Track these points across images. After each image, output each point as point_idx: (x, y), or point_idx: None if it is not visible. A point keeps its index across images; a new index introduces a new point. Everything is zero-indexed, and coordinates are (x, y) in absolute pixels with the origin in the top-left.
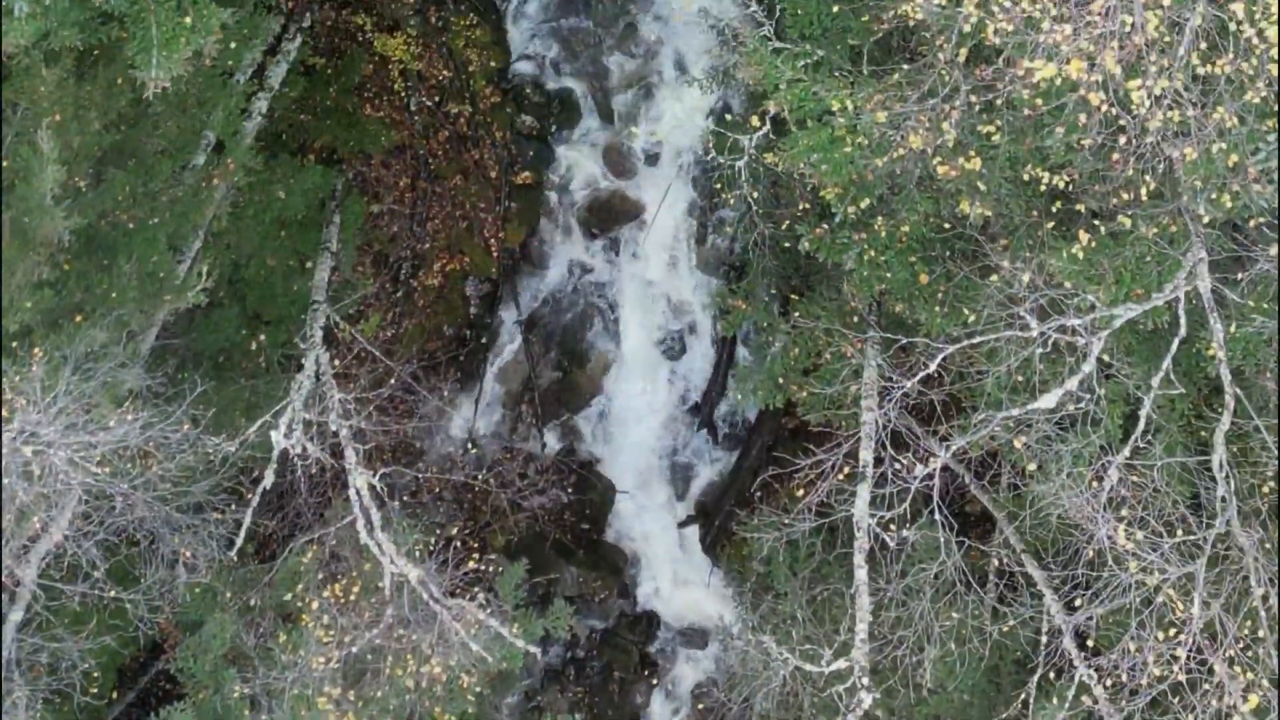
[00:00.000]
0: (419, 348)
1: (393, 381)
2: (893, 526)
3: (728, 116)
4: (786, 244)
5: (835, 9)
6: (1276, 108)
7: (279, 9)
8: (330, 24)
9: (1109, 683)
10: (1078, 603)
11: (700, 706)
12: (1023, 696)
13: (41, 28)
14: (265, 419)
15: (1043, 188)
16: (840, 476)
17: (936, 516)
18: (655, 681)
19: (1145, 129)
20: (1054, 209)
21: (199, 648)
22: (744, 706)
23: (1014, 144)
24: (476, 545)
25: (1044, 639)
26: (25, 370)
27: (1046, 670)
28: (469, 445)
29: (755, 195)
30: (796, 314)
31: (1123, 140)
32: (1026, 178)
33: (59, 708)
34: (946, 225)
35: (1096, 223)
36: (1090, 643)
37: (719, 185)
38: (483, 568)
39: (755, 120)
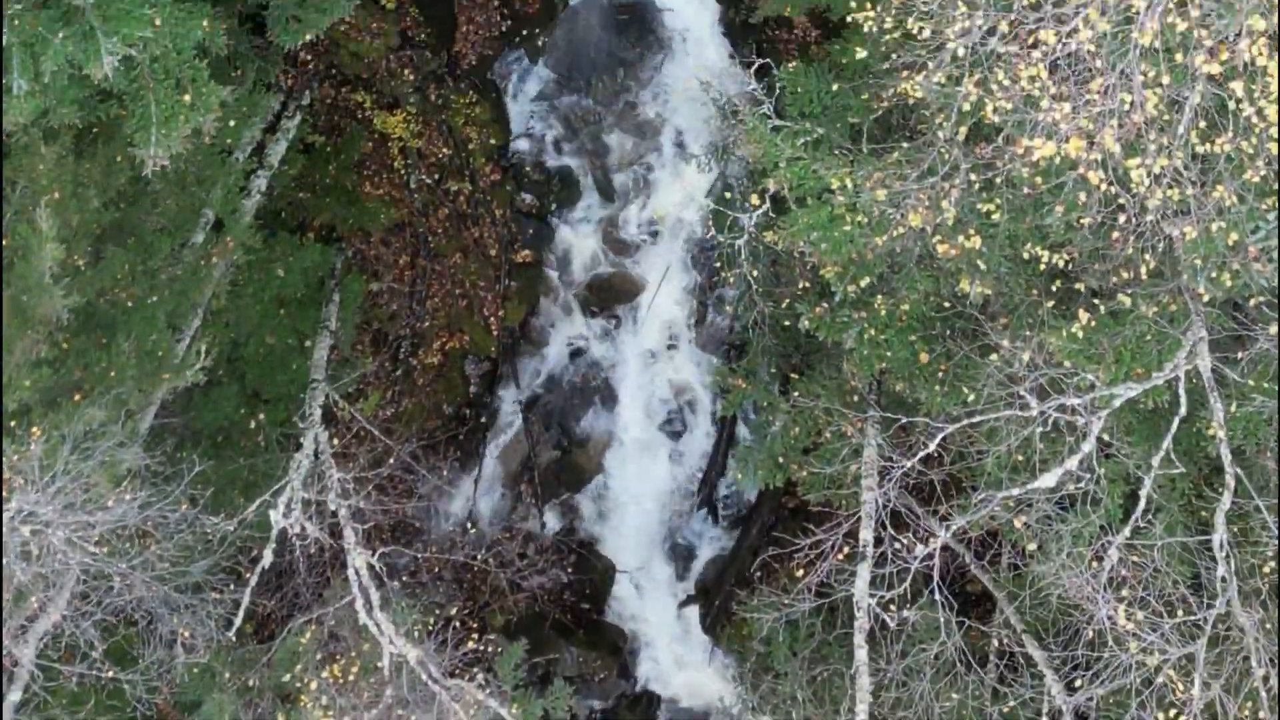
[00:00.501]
0: (418, 427)
1: (392, 461)
2: (893, 606)
3: (727, 194)
4: (786, 322)
5: (835, 87)
6: (1276, 186)
7: (278, 86)
8: (330, 101)
9: None
10: (1078, 683)
11: None
12: None
13: (40, 105)
14: (264, 498)
15: (1042, 266)
16: (840, 556)
17: (937, 596)
18: None
19: (1145, 207)
20: (1054, 287)
21: None
22: None
23: (1014, 222)
24: (476, 625)
25: None
26: (23, 449)
27: None
28: (468, 525)
29: (755, 273)
30: (796, 393)
31: (1122, 218)
32: (1026, 256)
33: None
34: (946, 304)
35: (1096, 301)
36: None
37: (719, 263)
38: (482, 648)
39: (755, 198)
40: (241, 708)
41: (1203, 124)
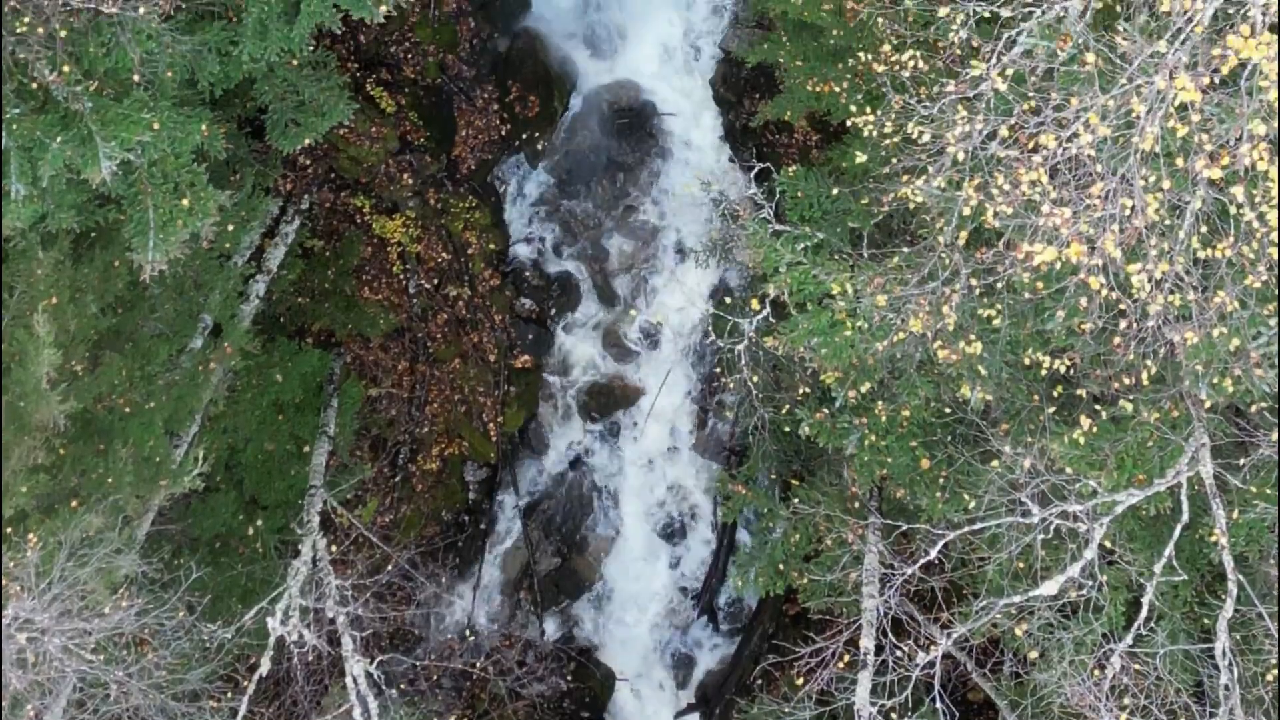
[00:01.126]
0: (417, 533)
1: (390, 567)
2: (894, 715)
3: (727, 299)
4: (787, 428)
5: (835, 191)
6: (1277, 291)
7: (277, 191)
8: (329, 206)
9: None
10: None
11: None
12: None
13: (39, 210)
14: (262, 605)
15: (1044, 372)
16: (841, 664)
17: (938, 705)
18: None
19: (1146, 312)
20: (1055, 393)
21: None
22: None
23: (1015, 328)
24: None
25: None
26: (20, 556)
27: None
28: (467, 632)
29: (755, 379)
30: (797, 499)
31: (1124, 324)
32: (1028, 362)
33: None
34: (947, 410)
35: (1098, 407)
36: None
37: (719, 369)
38: None
39: (755, 303)
40: None
41: (1204, 229)
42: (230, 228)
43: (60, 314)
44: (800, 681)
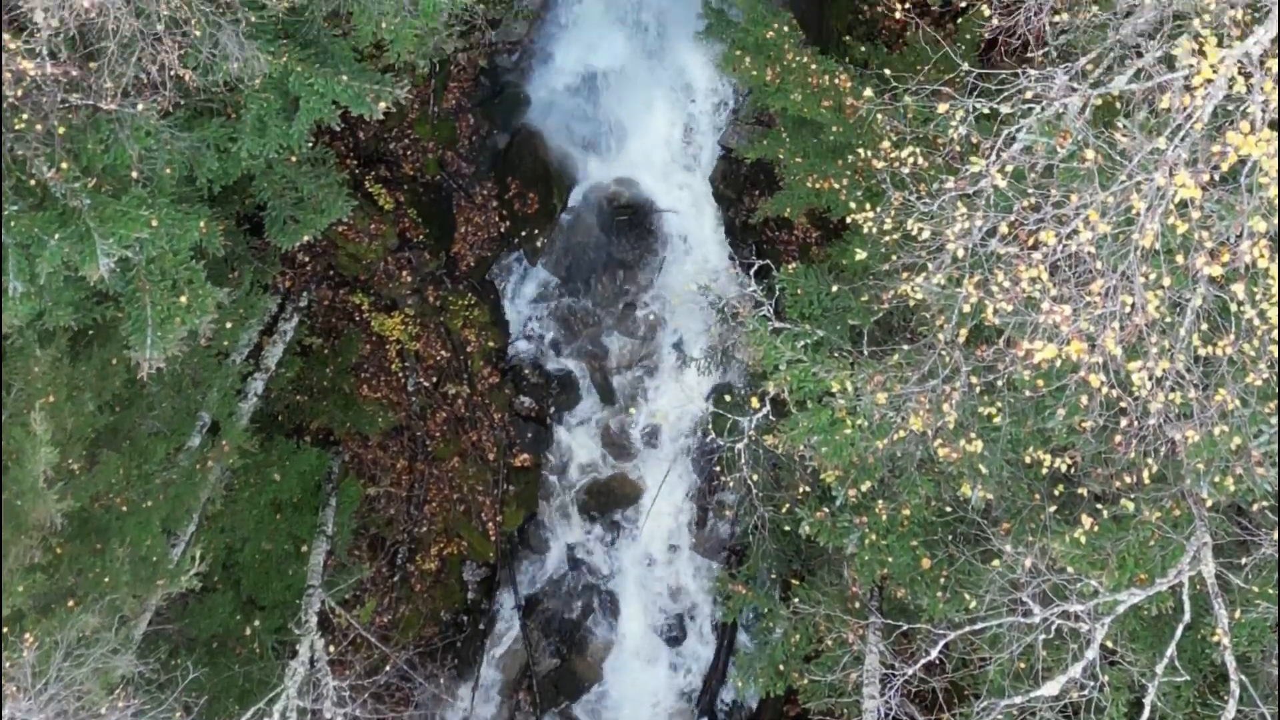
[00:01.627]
0: (415, 633)
1: (389, 668)
2: None
3: (727, 397)
4: (787, 527)
5: (835, 288)
6: (1278, 390)
7: (276, 288)
8: (328, 303)
9: None
10: None
11: None
12: None
13: (36, 307)
14: (259, 706)
15: (1045, 470)
16: None
17: None
18: None
19: (1147, 410)
20: (1056, 492)
21: None
22: None
23: (1015, 426)
24: None
25: None
26: (16, 656)
27: None
28: None
29: (755, 478)
30: (797, 599)
31: (1125, 422)
32: (1028, 460)
33: None
34: (948, 508)
35: (1099, 506)
36: None
37: (719, 467)
38: None
39: (755, 401)
40: None
41: (1204, 326)
42: (228, 325)
43: (58, 412)
44: None
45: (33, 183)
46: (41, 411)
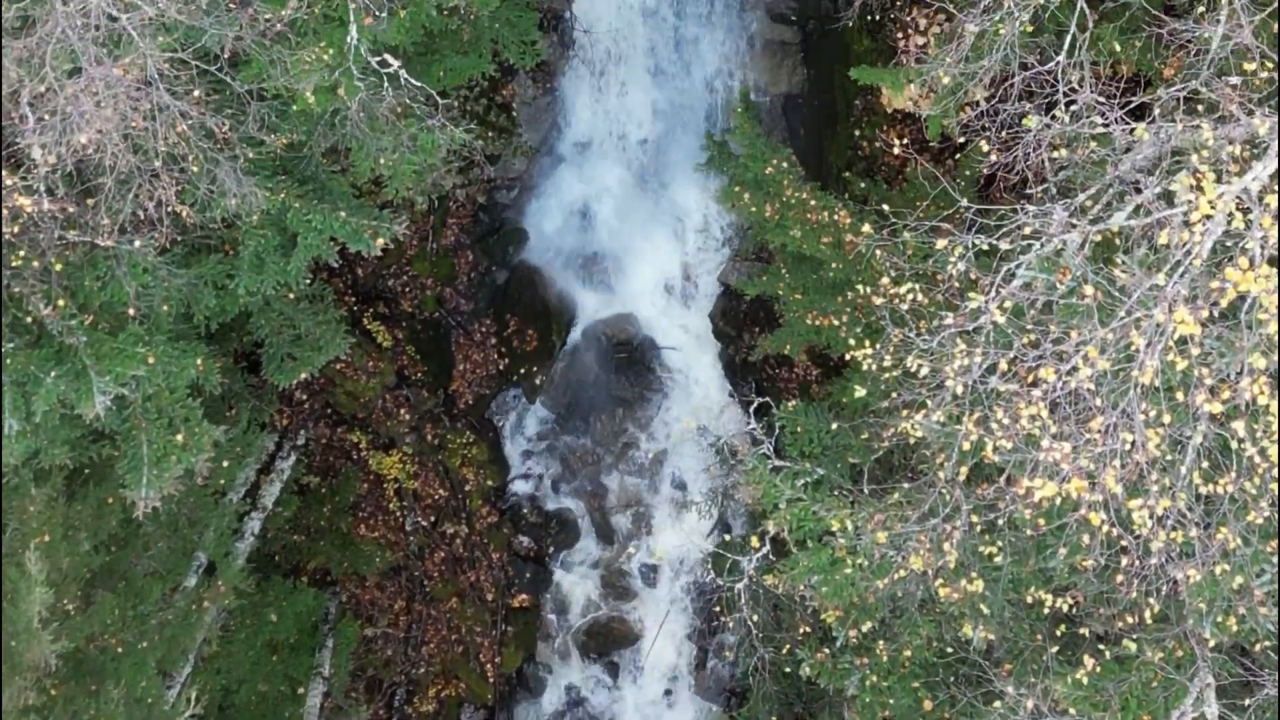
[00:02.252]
0: None
1: None
2: None
3: (727, 537)
4: (788, 669)
5: (835, 426)
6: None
7: (273, 426)
8: (325, 441)
9: None
10: None
11: None
12: None
13: (31, 446)
14: None
15: (1046, 610)
16: None
17: None
18: None
19: (1148, 549)
20: (1058, 632)
21: None
22: None
23: (1016, 565)
24: None
25: None
26: None
27: None
28: None
29: (755, 618)
30: None
31: (1126, 561)
32: (1030, 600)
33: None
34: (949, 649)
35: (1101, 647)
36: None
37: (719, 608)
38: None
39: (755, 541)
40: None
41: (1205, 464)
42: (225, 464)
43: (53, 551)
44: None
45: (29, 320)
46: (36, 551)
